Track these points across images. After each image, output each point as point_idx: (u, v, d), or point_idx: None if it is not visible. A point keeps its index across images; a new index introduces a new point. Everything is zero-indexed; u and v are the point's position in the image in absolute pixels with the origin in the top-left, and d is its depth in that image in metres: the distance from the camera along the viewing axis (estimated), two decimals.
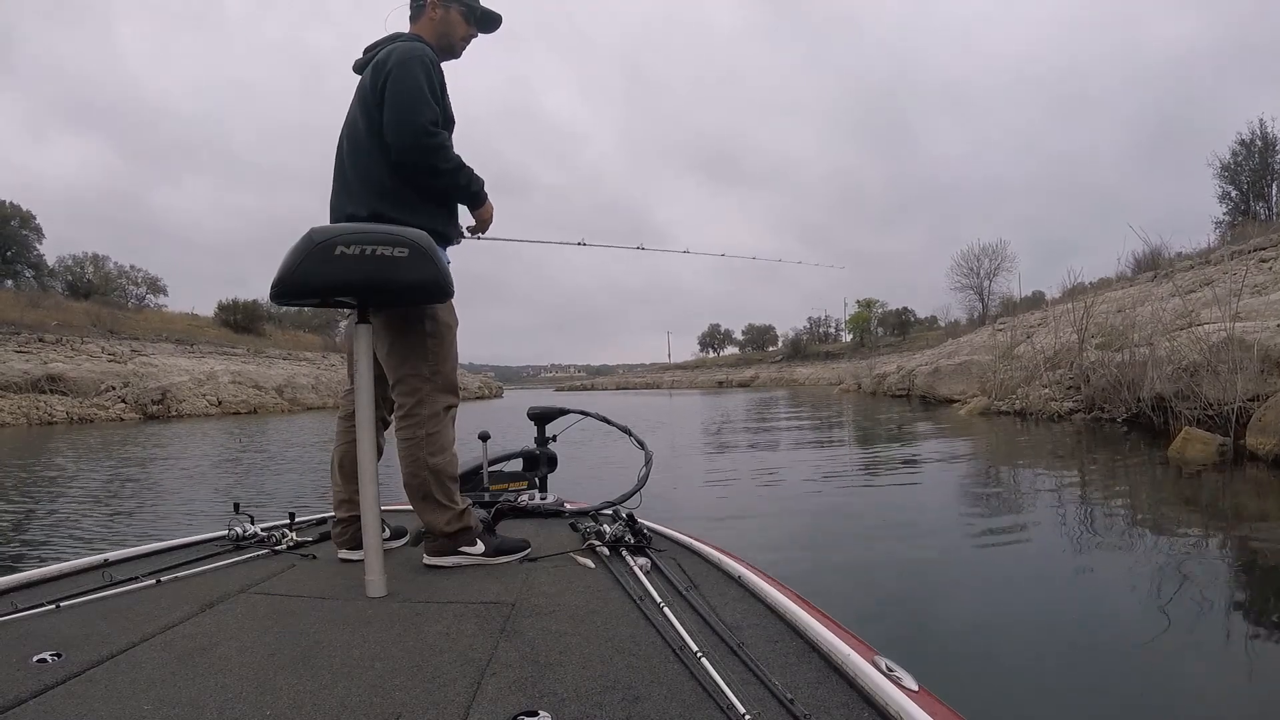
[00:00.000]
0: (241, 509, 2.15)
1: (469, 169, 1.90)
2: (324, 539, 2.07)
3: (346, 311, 1.96)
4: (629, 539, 1.82)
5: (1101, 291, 15.67)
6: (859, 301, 65.79)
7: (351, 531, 1.87)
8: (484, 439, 2.61)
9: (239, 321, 33.98)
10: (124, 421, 17.99)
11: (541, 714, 0.96)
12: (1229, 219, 25.54)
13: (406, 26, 1.99)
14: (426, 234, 1.65)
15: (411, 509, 1.88)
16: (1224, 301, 8.34)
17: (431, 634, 1.30)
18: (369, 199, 1.84)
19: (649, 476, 2.54)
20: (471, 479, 2.57)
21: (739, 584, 1.53)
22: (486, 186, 1.97)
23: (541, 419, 2.79)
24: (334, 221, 1.90)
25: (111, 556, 1.83)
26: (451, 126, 1.91)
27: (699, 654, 1.13)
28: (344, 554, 1.89)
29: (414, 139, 1.78)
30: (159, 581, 1.65)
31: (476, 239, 2.14)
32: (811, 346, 67.98)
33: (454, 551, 1.81)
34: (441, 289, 1.67)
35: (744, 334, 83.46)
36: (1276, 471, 5.40)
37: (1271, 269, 12.09)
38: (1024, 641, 2.47)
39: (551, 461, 2.76)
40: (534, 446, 2.76)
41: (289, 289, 1.53)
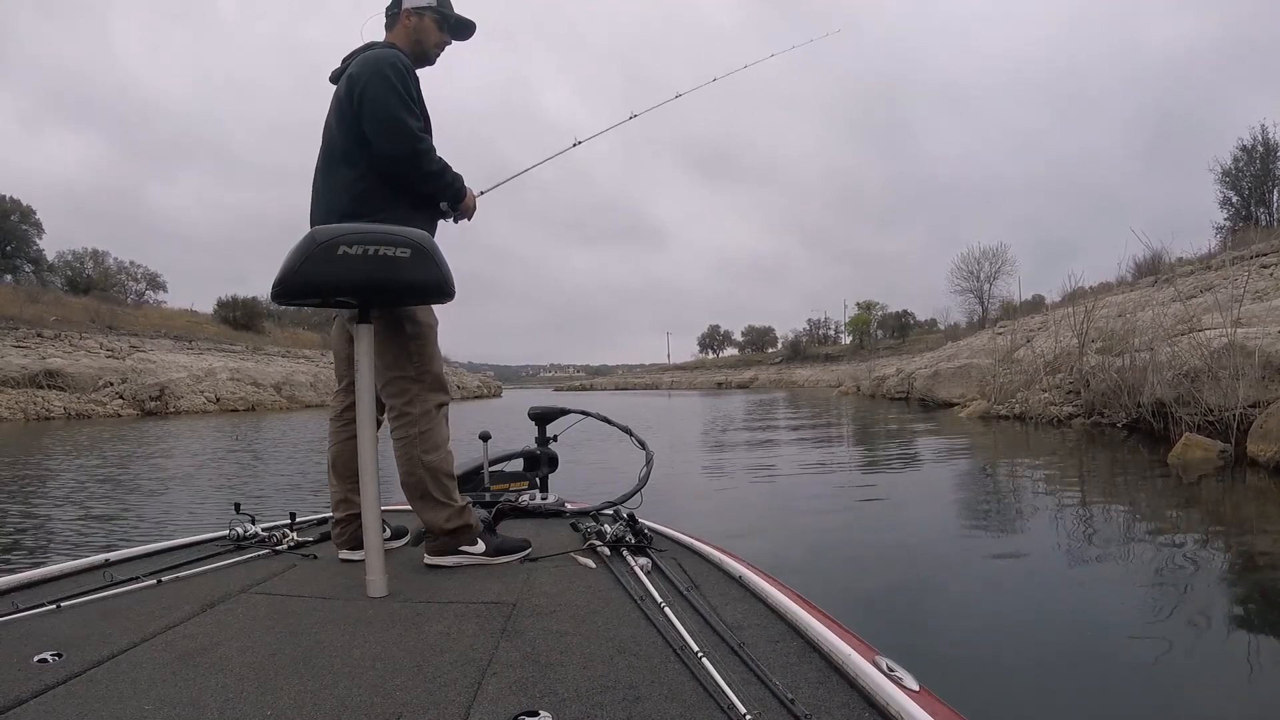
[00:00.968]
0: (242, 509, 2.15)
1: (450, 168, 1.93)
2: (325, 539, 2.07)
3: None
4: (630, 539, 1.83)
5: (1102, 296, 15.65)
6: (859, 304, 65.90)
7: (350, 531, 1.87)
8: (485, 439, 2.61)
9: (238, 319, 33.98)
10: (121, 418, 17.98)
11: (542, 714, 0.96)
12: (1230, 224, 25.58)
13: (382, 35, 2.01)
14: (428, 234, 1.65)
15: (411, 509, 1.88)
16: (1225, 307, 8.34)
17: (432, 634, 1.30)
18: (344, 206, 1.85)
19: (650, 476, 2.54)
20: (472, 479, 2.57)
21: (740, 584, 1.53)
22: (484, 186, 1.98)
23: (542, 419, 2.79)
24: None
25: (112, 557, 1.83)
26: (429, 129, 1.92)
27: (700, 654, 1.13)
28: (344, 554, 1.89)
29: (402, 144, 1.80)
30: (160, 581, 1.65)
31: (458, 221, 2.12)
32: (811, 348, 67.99)
33: (455, 551, 1.81)
34: (443, 289, 1.67)
35: (743, 335, 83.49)
36: (1278, 478, 5.40)
37: (1273, 275, 12.08)
38: (1024, 642, 2.48)
39: (552, 461, 2.76)
40: (535, 446, 2.76)
41: (291, 289, 1.53)
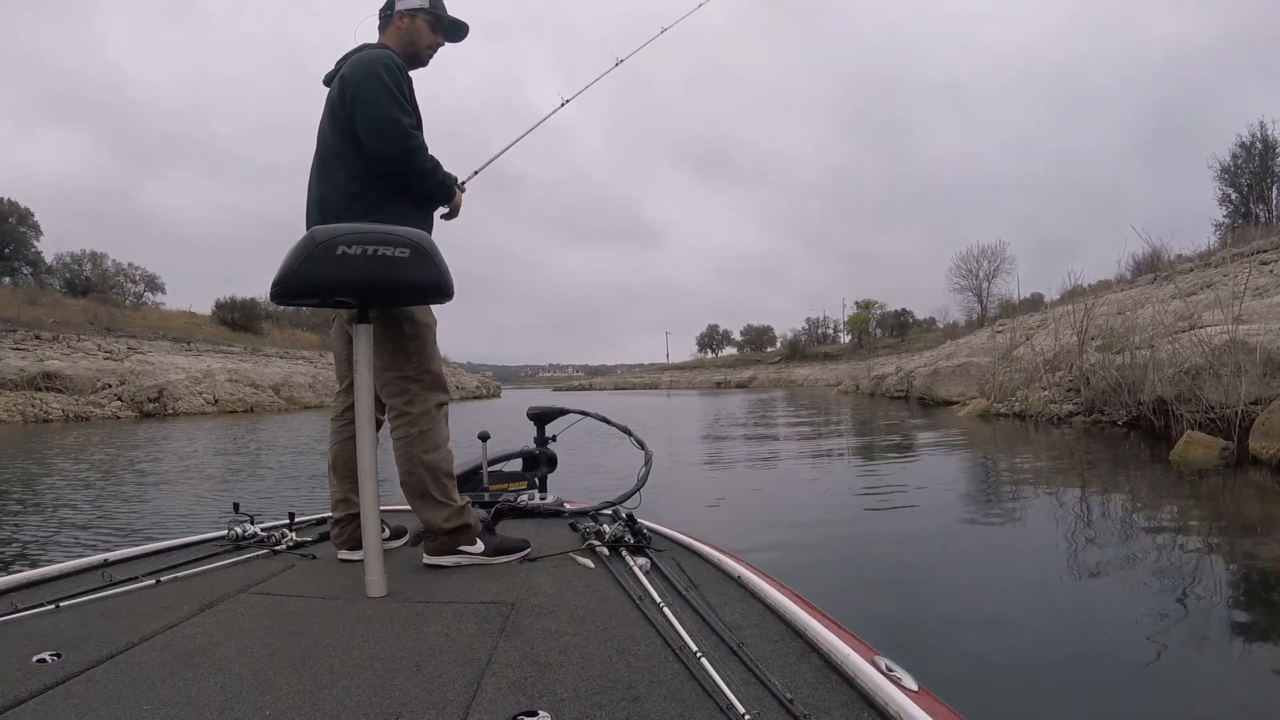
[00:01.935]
0: (241, 509, 2.15)
1: (441, 166, 1.93)
2: (324, 539, 2.07)
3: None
4: (629, 539, 1.82)
5: (1101, 293, 15.67)
6: (857, 303, 66.11)
7: (349, 531, 1.87)
8: (484, 439, 2.61)
9: (236, 320, 33.96)
10: (120, 419, 17.96)
11: (541, 714, 0.96)
12: (1229, 221, 25.60)
13: (375, 37, 2.01)
14: (428, 234, 1.65)
15: (410, 509, 1.88)
16: (1226, 304, 8.34)
17: (431, 634, 1.30)
18: (338, 208, 1.85)
19: (649, 476, 2.54)
20: (471, 479, 2.56)
21: (738, 584, 1.53)
22: (482, 183, 1.99)
23: (541, 419, 2.79)
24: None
25: (111, 557, 1.83)
26: (421, 128, 1.92)
27: (698, 654, 1.12)
28: (343, 554, 1.89)
29: (395, 144, 1.80)
30: (159, 582, 1.65)
31: (446, 219, 2.13)
32: (810, 347, 68.09)
33: (454, 550, 1.81)
34: (442, 289, 1.67)
35: (742, 334, 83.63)
36: None
37: (1273, 271, 12.08)
38: (1024, 642, 2.47)
39: (551, 461, 2.76)
40: (534, 446, 2.76)
41: (290, 289, 1.53)
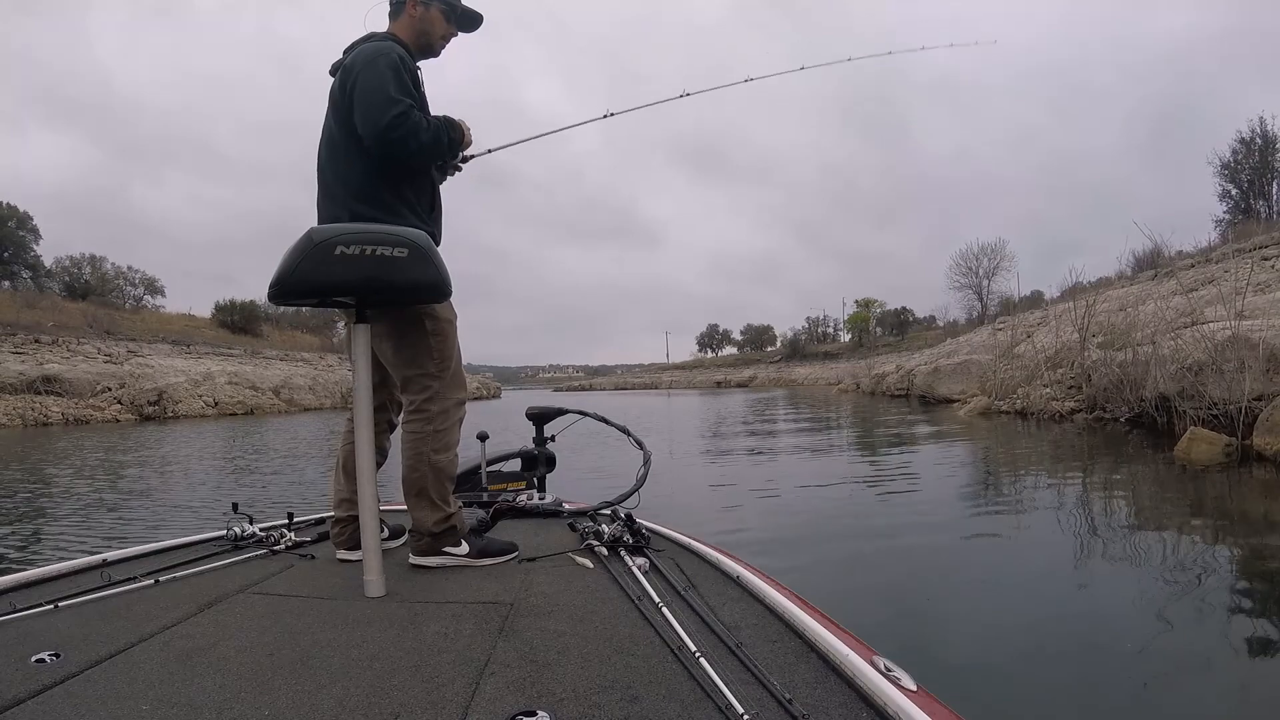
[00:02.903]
0: (240, 509, 2.15)
1: (440, 124, 1.85)
2: (322, 539, 2.07)
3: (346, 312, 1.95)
4: (627, 539, 1.82)
5: (1102, 290, 15.66)
6: (857, 301, 66.19)
7: (350, 531, 1.87)
8: (482, 439, 2.61)
9: (236, 322, 34.02)
10: (120, 423, 17.96)
11: (540, 714, 0.96)
12: (1230, 217, 25.59)
13: (385, 25, 1.97)
14: (426, 234, 1.65)
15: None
16: (1228, 299, 8.32)
17: (430, 634, 1.30)
18: (348, 201, 1.84)
19: (647, 476, 2.54)
20: (470, 479, 2.57)
21: (737, 584, 1.52)
22: (481, 183, 1.96)
23: (540, 419, 2.79)
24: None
25: (110, 557, 1.83)
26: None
27: (697, 654, 1.12)
28: (342, 554, 1.89)
29: (384, 131, 1.75)
30: (157, 582, 1.65)
31: (467, 161, 2.10)
32: (810, 347, 68.13)
33: (438, 552, 1.81)
34: (440, 289, 1.67)
35: (742, 334, 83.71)
36: None
37: (1275, 267, 12.09)
38: (1023, 642, 2.47)
39: (550, 461, 2.76)
40: (532, 446, 2.76)
41: (288, 289, 1.53)
